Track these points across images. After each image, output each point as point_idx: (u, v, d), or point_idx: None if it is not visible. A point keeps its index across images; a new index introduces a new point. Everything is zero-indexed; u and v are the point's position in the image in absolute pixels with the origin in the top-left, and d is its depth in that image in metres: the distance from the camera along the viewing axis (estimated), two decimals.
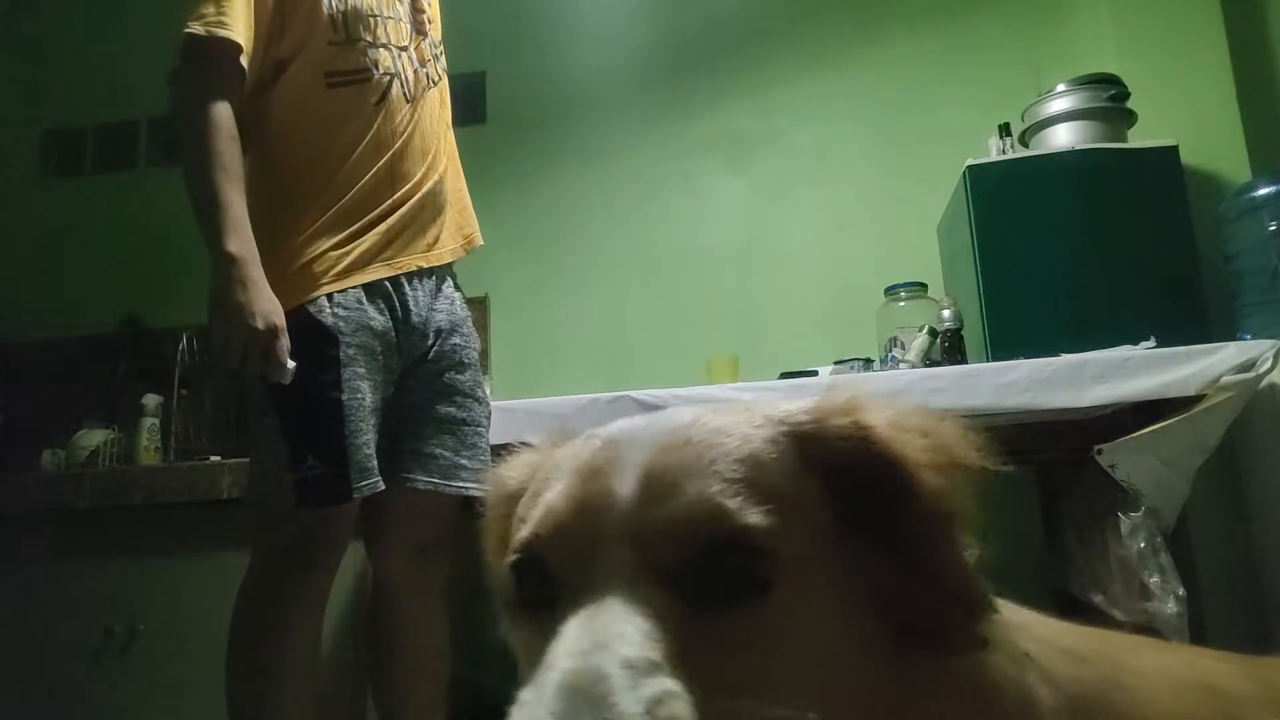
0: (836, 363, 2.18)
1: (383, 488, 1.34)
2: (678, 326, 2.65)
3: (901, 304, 2.31)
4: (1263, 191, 1.99)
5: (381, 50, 1.43)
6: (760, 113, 2.74)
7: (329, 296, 1.33)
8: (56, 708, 1.87)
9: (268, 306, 1.24)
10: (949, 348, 2.07)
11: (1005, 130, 2.23)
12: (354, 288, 1.35)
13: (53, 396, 2.64)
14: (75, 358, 2.74)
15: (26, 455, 2.34)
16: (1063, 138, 2.13)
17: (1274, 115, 2.32)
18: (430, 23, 1.58)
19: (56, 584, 1.93)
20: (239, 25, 1.30)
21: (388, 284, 1.40)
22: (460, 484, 1.44)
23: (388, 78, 1.43)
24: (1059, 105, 2.15)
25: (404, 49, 1.48)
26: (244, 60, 1.31)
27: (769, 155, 2.72)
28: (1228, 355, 1.61)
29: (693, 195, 2.75)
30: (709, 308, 2.66)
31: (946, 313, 2.11)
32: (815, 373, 2.01)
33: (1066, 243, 2.01)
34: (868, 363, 2.21)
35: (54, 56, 3.09)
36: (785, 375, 1.98)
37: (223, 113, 1.29)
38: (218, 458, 2.09)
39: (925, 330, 2.10)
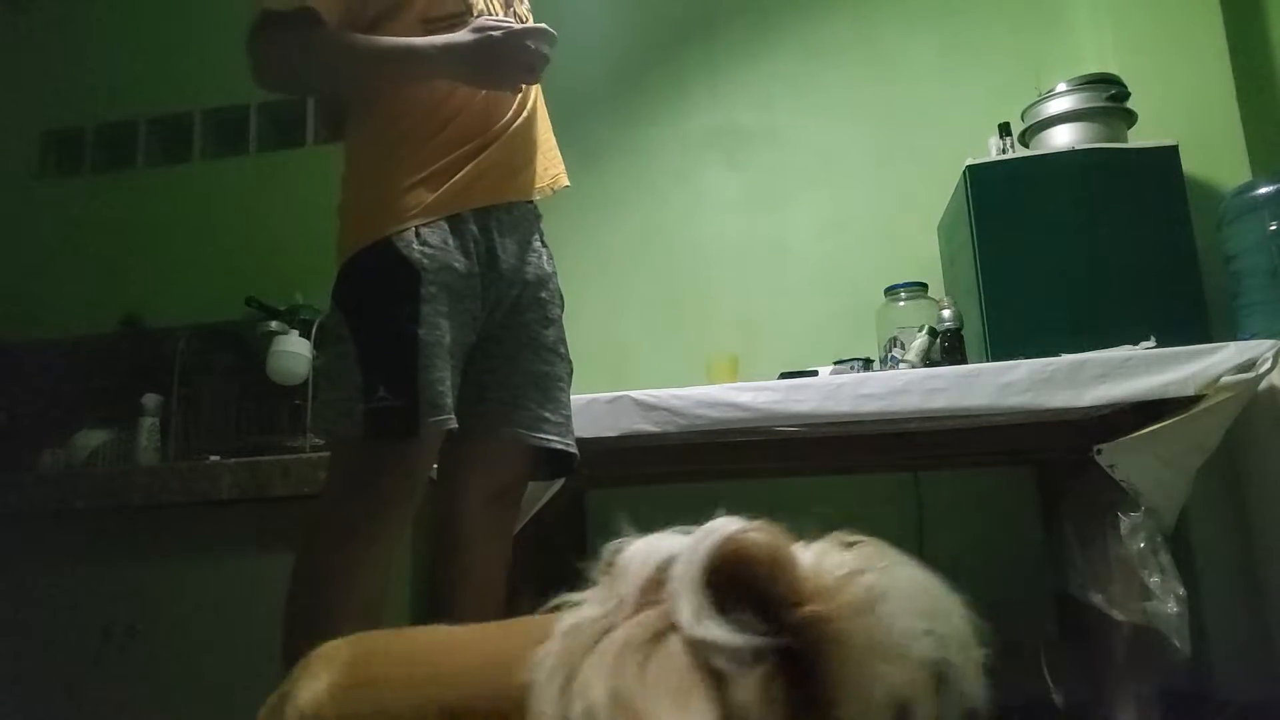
0: (836, 363, 2.19)
1: (454, 425, 1.31)
2: (677, 326, 2.66)
3: (901, 304, 2.31)
4: (1262, 191, 1.99)
5: None
6: (760, 111, 2.74)
7: (416, 232, 1.32)
8: (56, 708, 1.87)
9: (484, 24, 1.31)
10: (949, 348, 2.08)
11: (1005, 130, 2.23)
12: (441, 227, 1.35)
13: (53, 397, 2.65)
14: (75, 358, 2.74)
15: (26, 455, 2.34)
16: (1063, 138, 2.13)
17: (1274, 115, 2.32)
18: None
19: (56, 584, 1.93)
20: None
21: (475, 228, 1.39)
22: (543, 436, 1.44)
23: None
24: (1059, 105, 2.15)
25: None
26: (328, 17, 1.31)
27: (768, 154, 2.72)
28: (1228, 355, 1.61)
29: (691, 194, 2.75)
30: (708, 307, 2.66)
31: (946, 313, 2.11)
32: (815, 372, 2.01)
33: (1066, 243, 2.00)
34: (867, 363, 2.21)
35: (53, 56, 3.09)
36: (785, 375, 1.98)
37: (315, 27, 1.30)
38: (218, 458, 2.09)
39: (925, 330, 2.10)
